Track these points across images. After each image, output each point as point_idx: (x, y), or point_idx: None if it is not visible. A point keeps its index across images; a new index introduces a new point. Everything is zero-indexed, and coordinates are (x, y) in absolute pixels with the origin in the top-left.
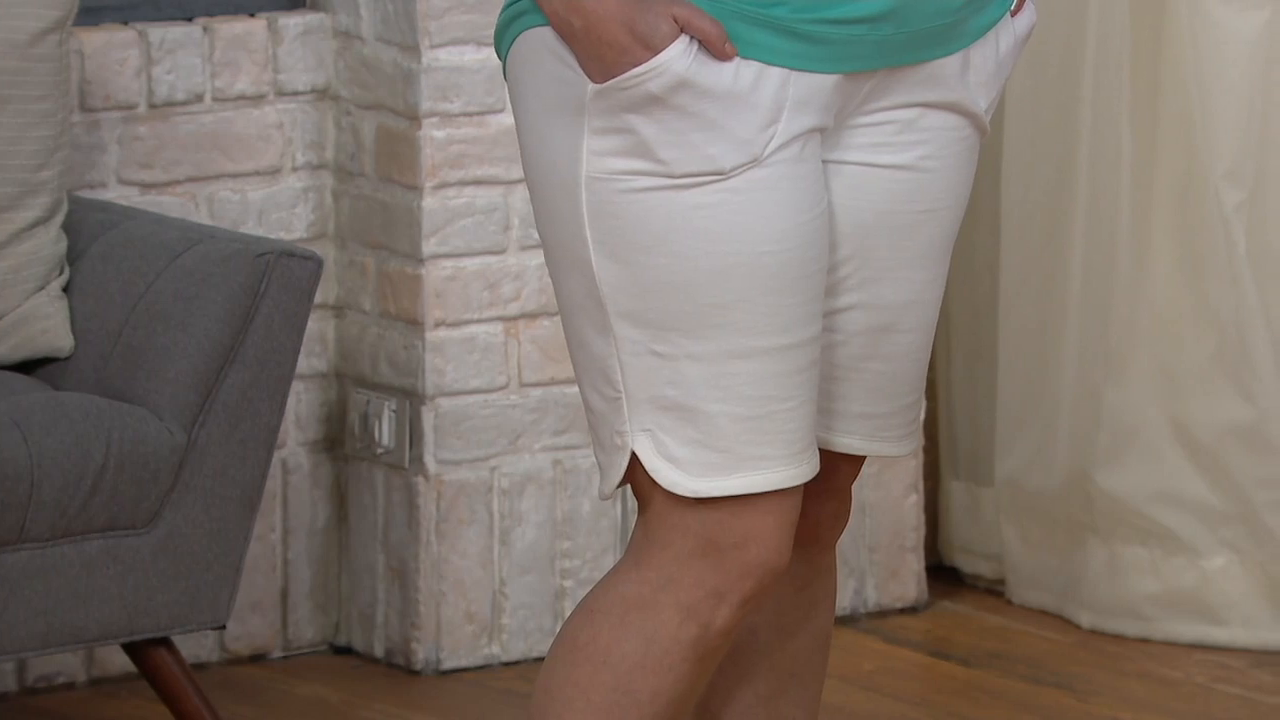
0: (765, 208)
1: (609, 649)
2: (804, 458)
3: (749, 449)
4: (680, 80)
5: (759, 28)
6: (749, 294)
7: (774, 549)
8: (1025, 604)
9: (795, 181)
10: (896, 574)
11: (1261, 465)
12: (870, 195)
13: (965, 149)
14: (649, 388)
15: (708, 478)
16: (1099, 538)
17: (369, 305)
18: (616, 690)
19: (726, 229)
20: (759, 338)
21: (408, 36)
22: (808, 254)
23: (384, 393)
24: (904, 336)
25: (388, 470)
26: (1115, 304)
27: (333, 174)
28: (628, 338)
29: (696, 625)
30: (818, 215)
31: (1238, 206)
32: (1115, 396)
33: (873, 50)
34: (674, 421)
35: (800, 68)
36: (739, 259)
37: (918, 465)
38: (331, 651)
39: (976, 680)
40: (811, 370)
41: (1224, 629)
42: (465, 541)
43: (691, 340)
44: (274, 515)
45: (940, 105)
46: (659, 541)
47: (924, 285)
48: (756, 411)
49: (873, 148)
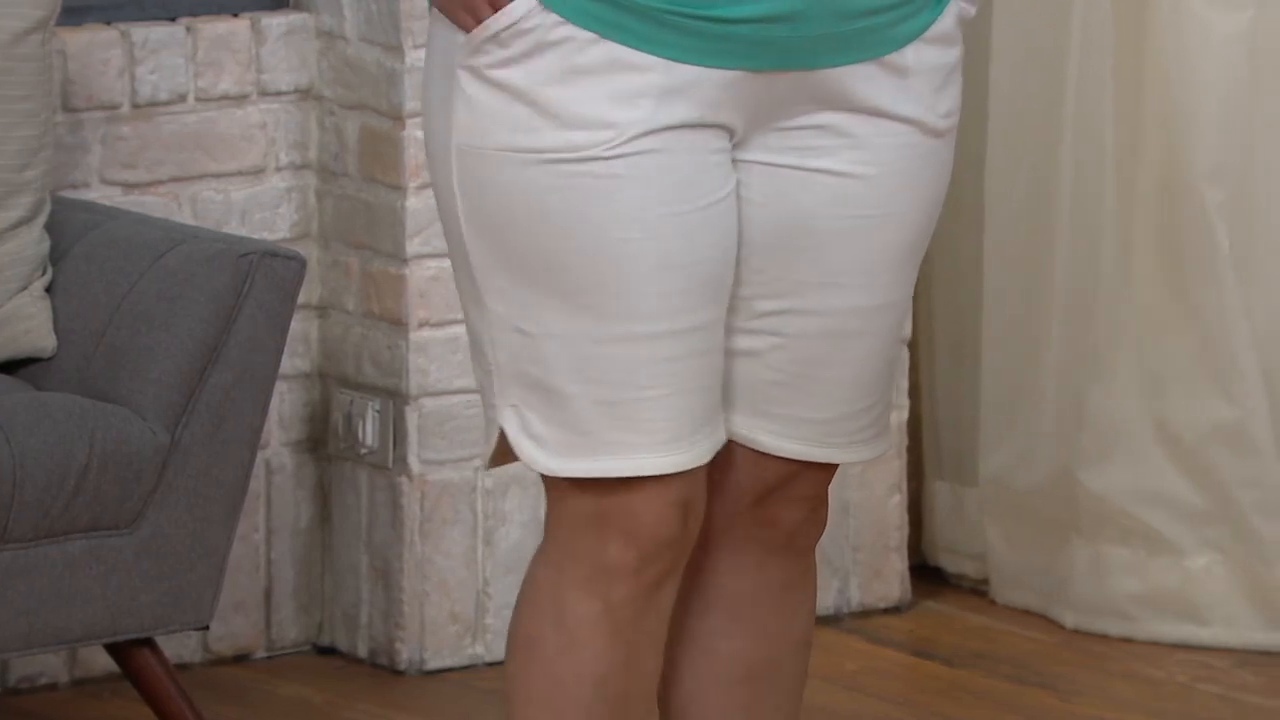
0: (625, 194)
1: (529, 635)
2: (677, 447)
3: (609, 434)
4: (536, 42)
5: (634, 15)
6: (609, 280)
7: (654, 523)
8: (1009, 604)
9: (666, 171)
10: (880, 574)
11: (1245, 465)
12: (804, 199)
13: (914, 155)
14: (515, 364)
15: (567, 458)
16: (1083, 538)
17: (352, 305)
18: (543, 676)
19: (586, 212)
20: (621, 324)
21: (391, 36)
22: (681, 245)
23: (367, 393)
24: (856, 342)
25: (371, 470)
26: (1099, 304)
27: (316, 174)
28: (496, 313)
29: (596, 600)
30: (701, 208)
31: (1220, 206)
32: (1099, 396)
33: (767, 51)
34: (538, 400)
35: (675, 59)
36: (598, 244)
37: (901, 465)
38: (315, 652)
39: (960, 680)
40: (692, 360)
41: (1207, 629)
42: (449, 541)
43: (554, 320)
44: (257, 515)
45: (876, 112)
46: (553, 520)
47: (878, 291)
48: (619, 397)
49: (793, 151)
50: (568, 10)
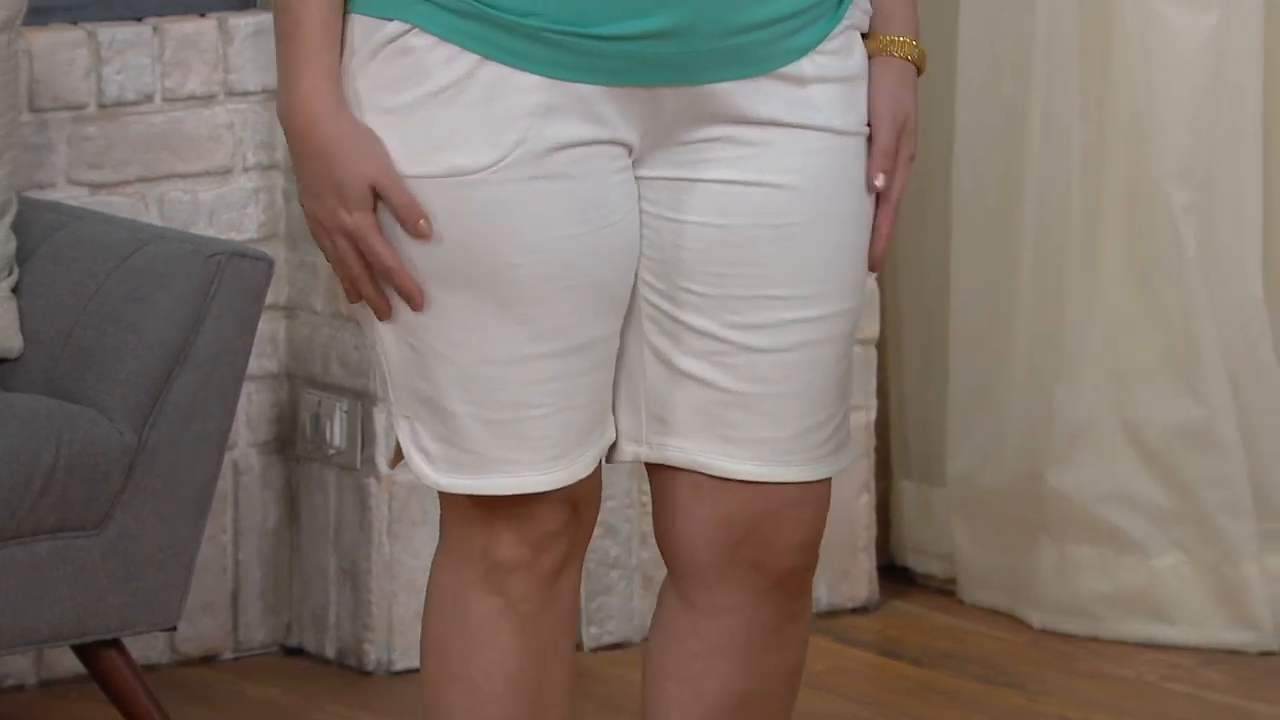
0: (513, 217)
1: (437, 639)
2: (562, 463)
3: (497, 452)
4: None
5: (513, 34)
6: (496, 302)
7: (540, 518)
8: (976, 604)
9: (557, 194)
10: (848, 574)
11: (1211, 465)
12: (726, 211)
13: (829, 160)
14: (407, 378)
15: (456, 475)
16: (1050, 537)
17: (320, 306)
18: (454, 677)
19: (470, 235)
20: (506, 346)
21: None
22: (568, 268)
23: (335, 393)
24: (800, 355)
25: (339, 471)
26: (1066, 304)
27: (284, 174)
28: (388, 328)
29: (496, 595)
30: (594, 230)
31: (1187, 207)
32: (1066, 397)
33: (652, 67)
34: (427, 414)
35: (556, 76)
36: (483, 269)
37: (869, 465)
38: (283, 652)
39: (928, 680)
40: (580, 378)
41: (1173, 628)
42: (417, 542)
43: (440, 340)
44: (225, 516)
45: (772, 123)
46: (445, 520)
47: (815, 301)
48: (504, 416)
49: (695, 164)
50: (447, 31)
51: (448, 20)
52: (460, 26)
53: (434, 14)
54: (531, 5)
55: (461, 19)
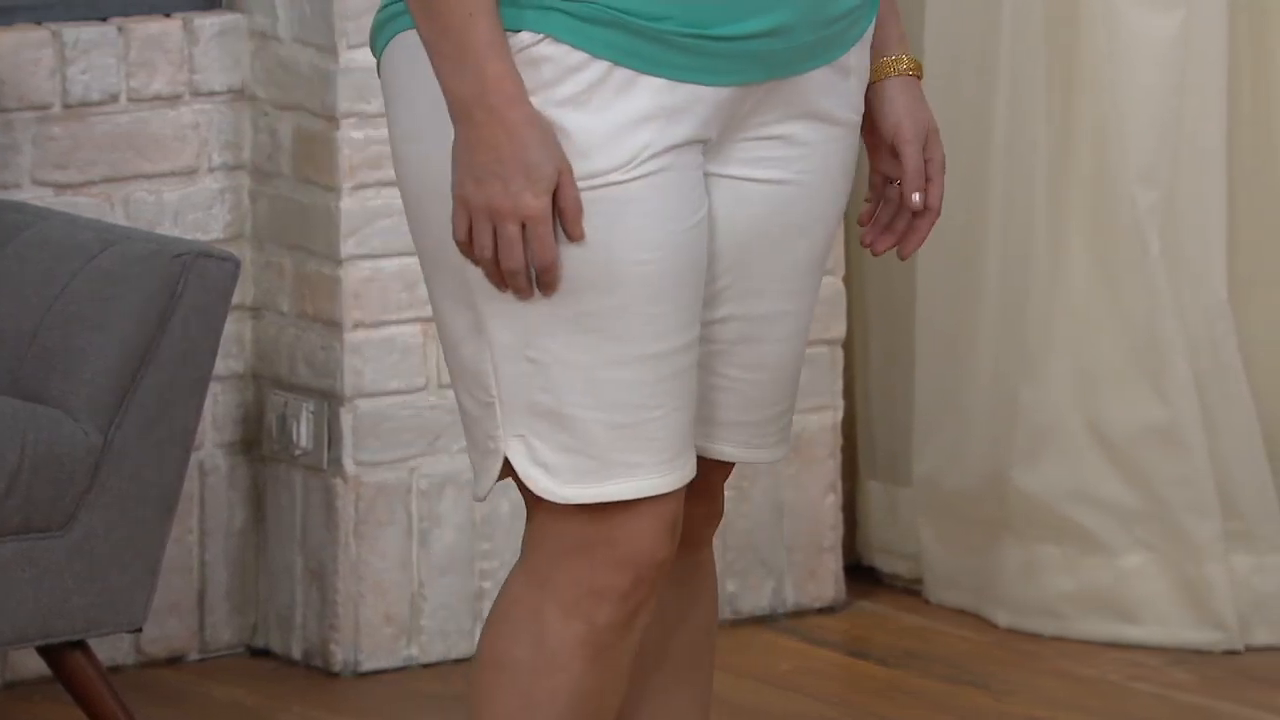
0: (638, 216)
1: (504, 653)
2: (677, 464)
3: (621, 456)
4: (549, 72)
5: (642, 39)
6: (623, 302)
7: (648, 546)
8: (943, 603)
9: (671, 190)
10: (814, 574)
11: (1176, 465)
12: (750, 210)
13: (841, 160)
14: (522, 393)
15: (579, 484)
16: (1015, 537)
17: (286, 306)
18: (515, 694)
19: (597, 237)
20: (633, 345)
21: (325, 37)
22: (683, 262)
23: (302, 394)
24: (774, 347)
25: (306, 472)
26: (1031, 305)
27: (250, 175)
28: (501, 343)
29: (581, 623)
30: (695, 224)
31: (1152, 208)
32: (1031, 397)
33: (760, 64)
34: (547, 427)
35: (680, 79)
36: (612, 267)
37: (836, 466)
38: (249, 653)
39: (894, 680)
40: (686, 376)
41: (1139, 627)
42: (384, 543)
43: (564, 347)
44: (191, 517)
45: (824, 117)
46: (538, 542)
47: (796, 296)
48: (629, 419)
49: (753, 162)
50: (579, 40)
51: (581, 29)
52: (593, 34)
53: (567, 23)
54: (662, 9)
55: (595, 26)
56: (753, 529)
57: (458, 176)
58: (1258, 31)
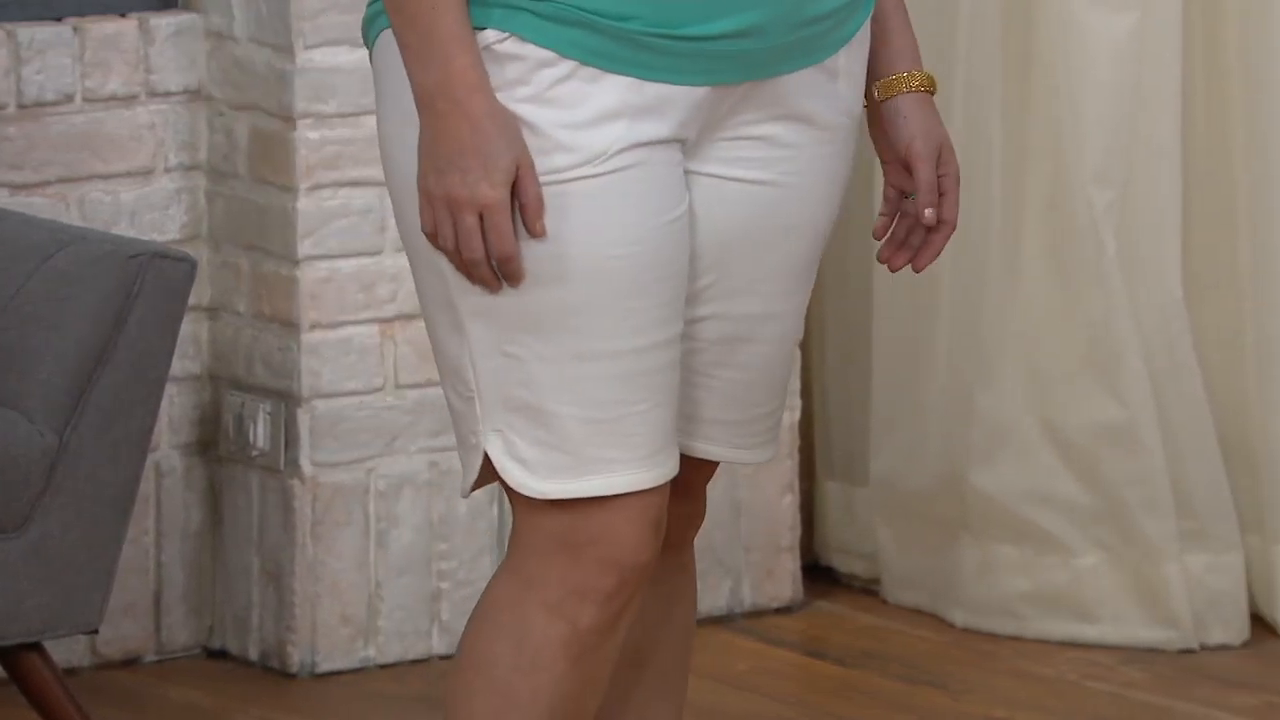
0: (610, 211)
1: (485, 653)
2: (656, 460)
3: (598, 451)
4: (515, 70)
5: (608, 38)
6: (597, 297)
7: (632, 546)
8: (900, 603)
9: (645, 186)
10: (772, 574)
11: (1131, 464)
12: (732, 209)
13: (834, 163)
14: (500, 388)
15: (555, 480)
16: (972, 537)
17: (243, 307)
18: (495, 694)
19: (571, 232)
20: (608, 340)
21: (281, 37)
22: (659, 258)
23: (259, 395)
24: (759, 348)
25: (262, 473)
26: (987, 305)
27: (206, 175)
28: (479, 338)
29: (564, 623)
30: (672, 220)
31: (1107, 208)
32: (987, 397)
33: (733, 64)
34: (524, 422)
35: (648, 78)
36: (585, 262)
37: (793, 466)
38: (205, 655)
39: (851, 680)
40: (667, 373)
41: (1094, 627)
42: (341, 543)
43: (541, 342)
44: (147, 518)
45: (809, 120)
46: (522, 540)
47: (781, 298)
48: (606, 415)
49: (734, 162)
50: (545, 39)
51: (546, 28)
52: (558, 33)
53: (533, 22)
54: (628, 9)
55: (560, 26)
56: (710, 529)
57: (422, 168)
58: (1212, 31)
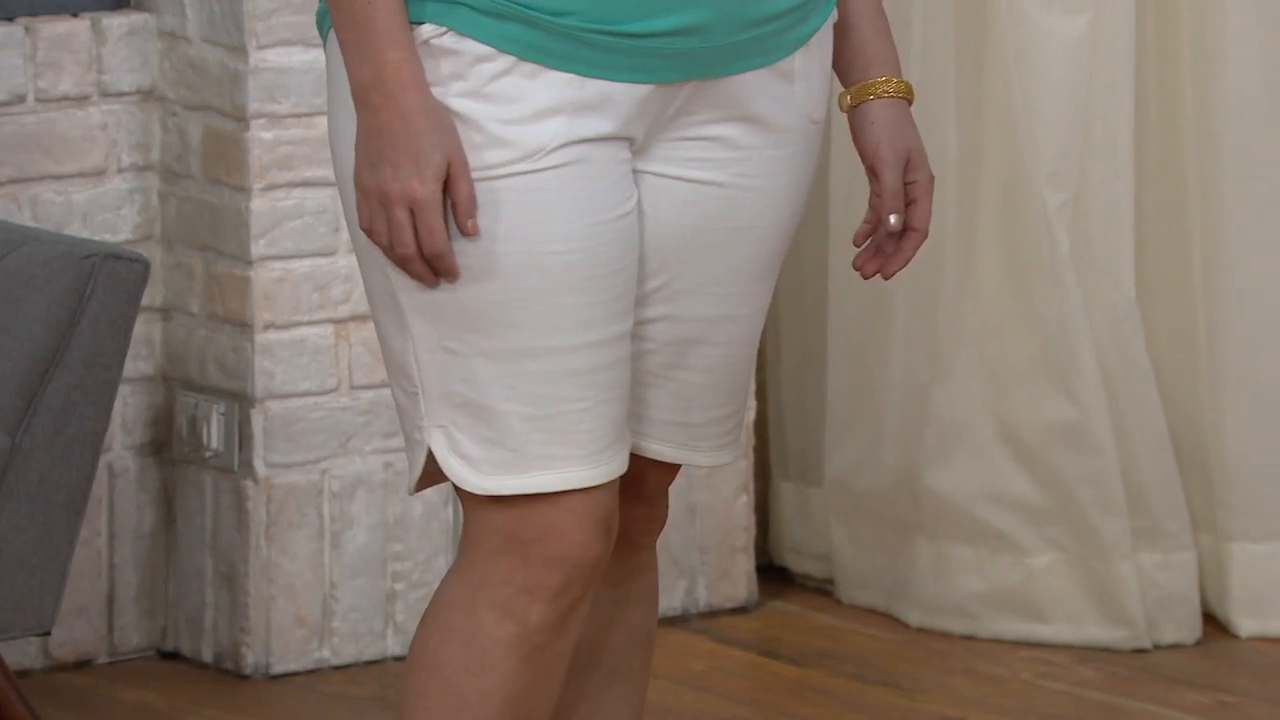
0: (550, 207)
1: (436, 652)
2: (603, 458)
3: (540, 448)
4: (453, 65)
5: (547, 34)
6: (536, 294)
7: (579, 544)
8: (854, 603)
9: (588, 182)
10: (727, 574)
11: (1084, 463)
12: (682, 210)
13: (793, 166)
14: (443, 384)
15: (498, 476)
16: (926, 537)
17: (197, 308)
18: (446, 694)
19: (508, 228)
20: (549, 337)
21: (234, 37)
22: (601, 256)
23: (212, 396)
24: (716, 349)
25: (216, 474)
26: (941, 304)
27: (159, 175)
28: (422, 334)
29: (513, 623)
30: (618, 218)
31: (1060, 207)
32: (942, 396)
33: (677, 63)
34: (467, 419)
35: (588, 75)
36: (523, 258)
37: (748, 466)
38: (159, 656)
39: (806, 679)
40: (612, 370)
41: (1048, 626)
42: (295, 545)
43: (482, 338)
44: (100, 519)
45: (763, 122)
46: (471, 540)
47: (737, 301)
48: (548, 411)
49: (684, 162)
50: (482, 34)
51: (483, 23)
52: (495, 28)
53: (470, 17)
54: (566, 5)
55: (497, 20)
56: (665, 530)
57: (357, 163)
58: (1164, 32)
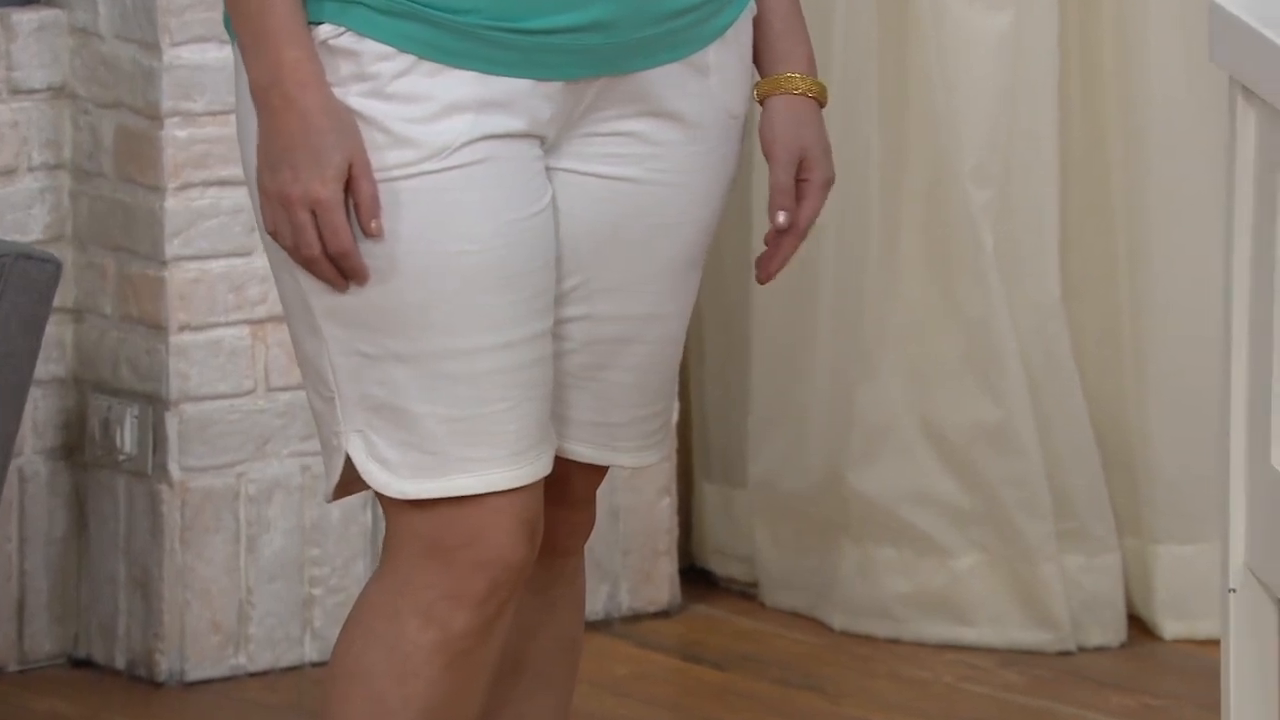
0: (458, 206)
1: (358, 660)
2: (525, 459)
3: (460, 450)
4: (353, 65)
5: (447, 32)
6: (447, 294)
7: (504, 547)
8: (778, 606)
9: (497, 181)
10: (650, 577)
11: (1009, 464)
12: (599, 207)
13: (713, 161)
14: (358, 388)
15: (417, 480)
16: (851, 539)
17: (109, 309)
18: (369, 701)
19: (415, 228)
20: (464, 338)
21: (147, 33)
22: (514, 254)
23: (126, 398)
24: (641, 348)
25: (129, 478)
26: (866, 303)
27: (70, 174)
28: (335, 337)
29: (436, 629)
30: (530, 216)
31: (985, 205)
32: (867, 396)
33: (584, 59)
34: (384, 422)
35: (493, 73)
36: (432, 259)
37: (670, 467)
38: (70, 664)
39: (729, 684)
40: (531, 370)
41: (972, 629)
42: (211, 549)
43: (396, 340)
44: (10, 525)
45: (679, 118)
46: (393, 545)
47: (663, 298)
48: (465, 413)
49: (599, 159)
50: (381, 33)
51: (381, 22)
52: (394, 27)
53: (367, 16)
54: (465, 2)
55: (396, 19)
56: None
57: (258, 165)
58: (1087, 29)
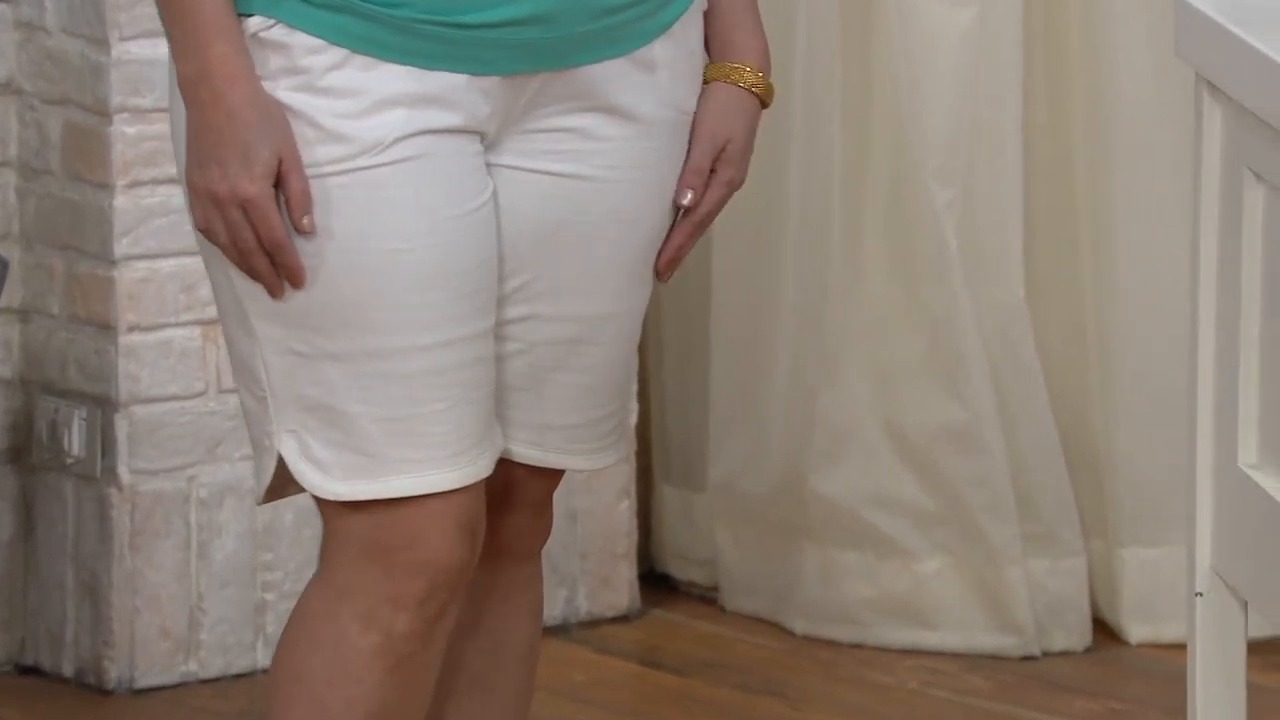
0: (392, 202)
1: (300, 665)
2: (464, 460)
3: (394, 451)
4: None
5: (380, 26)
6: (382, 292)
7: (443, 549)
8: (739, 611)
9: (433, 177)
10: (608, 582)
11: (972, 466)
12: (543, 204)
13: (664, 157)
14: (292, 387)
15: (352, 481)
16: (813, 542)
17: (57, 309)
18: (312, 705)
19: (348, 225)
20: (399, 337)
21: (95, 28)
22: (452, 252)
23: (74, 400)
24: (598, 349)
25: (78, 481)
26: (829, 304)
27: (17, 172)
28: (268, 336)
29: (378, 633)
30: (468, 213)
31: (948, 204)
32: (829, 398)
33: (522, 54)
34: (317, 422)
35: (428, 67)
36: (365, 256)
37: (630, 470)
38: (16, 672)
39: (689, 689)
40: (470, 370)
41: (936, 633)
42: (161, 554)
43: (330, 339)
44: None
45: (623, 113)
46: (331, 548)
47: (617, 297)
48: (400, 413)
49: (541, 155)
50: (313, 26)
51: (313, 14)
52: (325, 20)
53: (299, 8)
54: None
55: (327, 12)
56: None
57: (187, 162)
58: (1052, 26)
